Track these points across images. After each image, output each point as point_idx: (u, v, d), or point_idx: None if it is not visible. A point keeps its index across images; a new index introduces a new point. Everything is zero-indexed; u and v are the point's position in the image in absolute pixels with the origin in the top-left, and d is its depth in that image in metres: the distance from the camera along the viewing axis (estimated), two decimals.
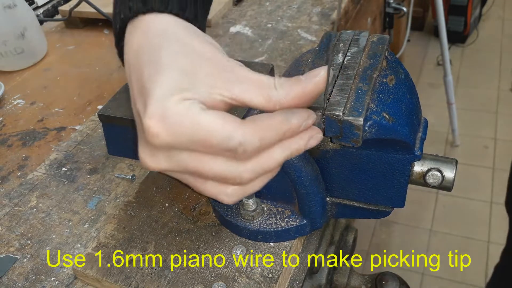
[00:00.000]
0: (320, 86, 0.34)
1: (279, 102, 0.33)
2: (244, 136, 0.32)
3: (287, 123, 0.34)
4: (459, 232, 1.79)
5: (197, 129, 0.31)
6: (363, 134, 0.38)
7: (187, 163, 0.33)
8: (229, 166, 0.33)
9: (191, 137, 0.31)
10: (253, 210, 0.47)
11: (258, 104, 0.33)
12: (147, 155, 0.34)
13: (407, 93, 0.42)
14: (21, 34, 0.86)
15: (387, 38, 0.44)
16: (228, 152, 0.32)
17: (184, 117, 0.31)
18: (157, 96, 0.32)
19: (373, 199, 0.46)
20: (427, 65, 2.69)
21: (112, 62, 0.88)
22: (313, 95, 0.34)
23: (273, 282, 0.44)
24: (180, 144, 0.32)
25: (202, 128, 0.31)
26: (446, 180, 0.43)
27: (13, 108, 0.79)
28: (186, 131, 0.31)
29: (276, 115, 0.34)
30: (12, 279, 0.50)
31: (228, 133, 0.31)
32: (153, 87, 0.32)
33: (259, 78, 0.33)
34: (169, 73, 0.33)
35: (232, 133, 0.31)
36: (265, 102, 0.33)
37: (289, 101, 0.33)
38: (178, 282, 0.45)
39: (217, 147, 0.32)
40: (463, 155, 2.08)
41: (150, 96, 0.32)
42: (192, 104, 0.31)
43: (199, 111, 0.31)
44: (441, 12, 1.81)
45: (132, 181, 0.60)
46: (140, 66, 0.34)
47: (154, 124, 0.31)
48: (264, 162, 0.34)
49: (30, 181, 0.62)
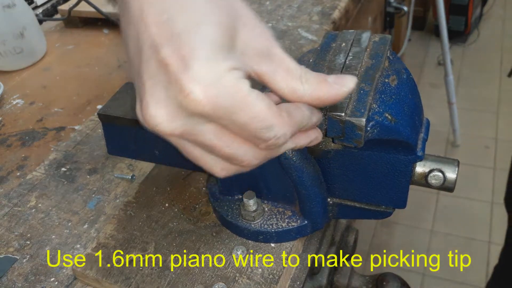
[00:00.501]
0: (344, 96, 0.33)
1: (302, 97, 0.32)
2: (282, 130, 0.31)
3: (310, 121, 0.34)
4: (460, 232, 1.78)
5: (243, 109, 0.29)
6: (365, 134, 0.38)
7: (207, 136, 0.31)
8: (247, 149, 0.32)
9: (232, 114, 0.29)
10: (253, 210, 0.47)
11: (280, 91, 0.32)
12: (164, 114, 0.30)
13: (409, 93, 0.42)
14: (20, 33, 0.85)
15: (389, 38, 0.44)
16: (257, 139, 0.31)
17: (235, 91, 0.28)
18: (204, 56, 0.28)
19: (374, 199, 0.46)
20: (428, 65, 2.69)
21: (111, 61, 0.88)
22: (333, 102, 0.33)
23: (274, 283, 0.44)
24: (215, 117, 0.29)
25: (249, 110, 0.29)
26: (448, 181, 0.43)
27: (12, 108, 0.79)
28: (231, 108, 0.29)
29: (304, 110, 0.33)
30: (12, 279, 0.50)
31: (270, 123, 0.30)
32: (196, 39, 0.28)
33: (289, 64, 0.32)
34: (211, 27, 0.29)
35: (274, 124, 0.30)
36: (288, 92, 0.32)
37: (310, 99, 0.32)
38: (178, 283, 0.45)
39: (252, 132, 0.30)
40: (464, 155, 2.07)
41: (194, 52, 0.28)
42: (242, 79, 0.29)
43: (248, 90, 0.29)
44: (442, 12, 1.81)
45: (132, 181, 0.60)
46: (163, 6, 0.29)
47: (198, 90, 0.28)
48: (276, 152, 0.33)
49: (29, 181, 0.62)
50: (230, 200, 0.50)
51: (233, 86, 0.29)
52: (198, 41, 0.28)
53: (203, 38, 0.28)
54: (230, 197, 0.50)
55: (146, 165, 0.61)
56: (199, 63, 0.28)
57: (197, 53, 0.28)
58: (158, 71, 0.29)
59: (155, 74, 0.29)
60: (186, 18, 0.29)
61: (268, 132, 0.30)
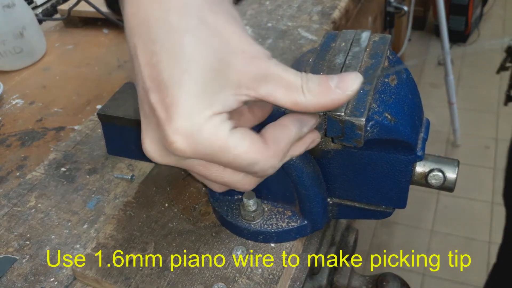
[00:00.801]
0: (348, 99, 0.33)
1: (305, 108, 0.32)
2: (268, 163, 0.32)
3: (300, 134, 0.35)
4: (460, 232, 1.78)
5: (223, 153, 0.31)
6: (365, 134, 0.38)
7: (197, 168, 0.34)
8: (240, 177, 0.34)
9: (214, 158, 0.31)
10: (253, 210, 0.47)
11: (283, 105, 0.32)
12: (156, 151, 0.33)
13: (409, 93, 0.42)
14: (20, 33, 0.85)
15: (389, 38, 0.44)
16: (245, 172, 0.33)
17: (213, 139, 0.30)
18: (184, 109, 0.30)
19: (374, 199, 0.46)
20: (428, 65, 2.69)
21: (111, 61, 0.88)
22: (338, 106, 0.33)
23: (274, 283, 0.44)
24: (201, 158, 0.32)
25: (230, 152, 0.31)
26: (448, 181, 0.43)
27: (11, 108, 0.78)
28: (212, 153, 0.31)
29: (292, 129, 0.34)
30: (11, 279, 0.49)
31: (254, 160, 0.32)
32: (178, 92, 0.30)
33: (287, 78, 0.32)
34: (196, 74, 0.30)
35: (257, 159, 0.32)
36: (291, 106, 0.32)
37: (314, 108, 0.33)
38: (178, 283, 0.45)
39: (238, 168, 0.32)
40: (464, 155, 2.07)
41: (176, 105, 0.30)
42: (222, 124, 0.31)
43: (228, 133, 0.31)
44: (442, 12, 1.81)
45: (132, 181, 0.60)
46: (154, 48, 0.30)
47: (179, 140, 0.30)
48: (269, 173, 0.35)
49: (29, 181, 0.62)
50: (229, 200, 0.50)
51: (212, 135, 0.30)
52: (180, 93, 0.30)
53: (186, 90, 0.30)
54: (229, 197, 0.50)
55: (146, 165, 0.61)
56: (180, 116, 0.30)
57: (179, 106, 0.30)
58: (150, 112, 0.32)
59: (147, 114, 0.32)
60: (173, 65, 0.30)
61: (254, 167, 0.32)
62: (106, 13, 0.94)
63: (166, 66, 0.30)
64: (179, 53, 0.30)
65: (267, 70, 0.31)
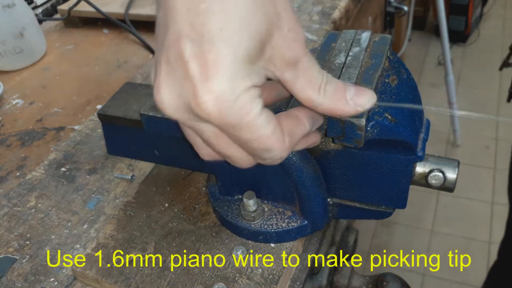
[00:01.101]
0: (356, 114, 0.33)
1: (316, 107, 0.32)
2: (280, 154, 0.32)
3: (310, 131, 0.35)
4: (460, 232, 1.78)
5: (248, 130, 0.30)
6: (365, 134, 0.38)
7: (206, 133, 0.31)
8: (243, 155, 0.33)
9: (236, 131, 0.30)
10: (253, 210, 0.47)
11: (297, 95, 0.32)
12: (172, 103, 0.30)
13: (409, 93, 0.42)
14: (20, 33, 0.85)
15: (389, 38, 0.44)
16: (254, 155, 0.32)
17: (244, 113, 0.29)
18: (227, 71, 0.27)
19: (374, 200, 0.46)
20: (428, 65, 2.69)
21: (111, 61, 0.88)
22: (345, 117, 0.34)
23: (274, 283, 0.44)
24: (219, 127, 0.30)
25: (253, 132, 0.30)
26: (448, 181, 0.43)
27: (12, 108, 0.78)
28: (237, 126, 0.29)
29: (306, 125, 0.34)
30: (11, 279, 0.49)
31: (271, 146, 0.31)
32: (225, 51, 0.27)
33: (312, 73, 0.31)
34: (246, 37, 0.27)
35: (274, 148, 0.31)
36: (304, 99, 0.32)
37: (323, 111, 0.33)
38: (178, 283, 0.45)
39: (251, 150, 0.31)
40: (464, 155, 2.07)
41: (218, 64, 0.27)
42: (256, 99, 0.29)
43: (259, 111, 0.29)
44: (442, 12, 1.81)
45: (132, 181, 0.60)
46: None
47: (211, 102, 0.28)
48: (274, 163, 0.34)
49: (29, 181, 0.62)
50: (230, 200, 0.50)
51: (245, 107, 0.29)
52: (226, 54, 0.27)
53: (232, 52, 0.27)
54: (230, 197, 0.50)
55: (146, 165, 0.61)
56: (220, 78, 0.27)
57: (221, 67, 0.27)
58: (177, 62, 0.28)
59: (173, 62, 0.29)
60: (224, 20, 0.27)
61: (267, 153, 0.31)
62: (106, 13, 0.94)
63: (216, 19, 0.27)
64: (233, 9, 0.27)
65: (301, 57, 0.31)
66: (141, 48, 0.91)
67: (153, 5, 0.95)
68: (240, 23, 0.27)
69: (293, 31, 0.30)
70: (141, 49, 0.90)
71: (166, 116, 0.31)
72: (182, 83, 0.29)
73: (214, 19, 0.27)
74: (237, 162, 0.34)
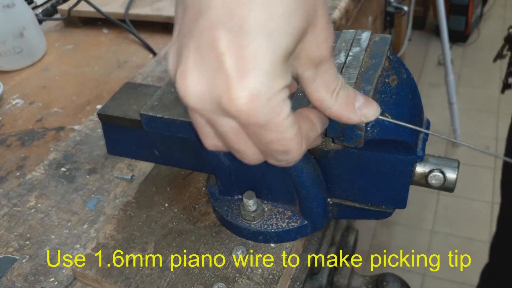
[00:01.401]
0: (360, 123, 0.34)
1: (325, 110, 0.32)
2: (295, 157, 0.31)
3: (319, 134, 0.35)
4: (460, 232, 1.78)
5: (274, 131, 0.29)
6: (365, 134, 0.38)
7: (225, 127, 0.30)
8: (255, 153, 0.32)
9: (261, 130, 0.29)
10: (253, 211, 0.47)
11: (310, 95, 0.32)
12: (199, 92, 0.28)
13: (410, 93, 0.42)
14: (20, 33, 0.85)
15: (389, 38, 0.44)
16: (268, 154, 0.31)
17: (275, 114, 0.28)
18: (265, 69, 0.26)
19: (374, 200, 0.46)
20: (428, 65, 2.69)
21: (111, 61, 0.88)
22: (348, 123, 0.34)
23: (274, 283, 0.44)
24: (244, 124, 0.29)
25: (278, 134, 0.29)
26: (448, 181, 0.43)
27: (11, 108, 0.78)
28: (264, 126, 0.28)
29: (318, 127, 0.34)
30: (11, 279, 0.49)
31: (290, 149, 0.30)
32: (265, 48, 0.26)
33: (329, 76, 0.31)
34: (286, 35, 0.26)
35: (293, 151, 0.31)
36: (316, 101, 0.32)
37: (330, 114, 0.33)
38: (178, 283, 0.45)
39: (269, 150, 0.31)
40: (464, 155, 2.07)
41: (257, 61, 0.26)
42: (287, 100, 0.28)
43: (288, 114, 0.29)
44: (442, 11, 1.81)
45: (132, 181, 0.60)
46: None
47: (245, 99, 0.26)
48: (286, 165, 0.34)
49: (29, 181, 0.62)
50: (230, 200, 0.50)
51: (277, 108, 0.28)
52: (266, 50, 0.26)
53: (272, 48, 0.26)
54: (230, 197, 0.50)
55: (146, 165, 0.61)
56: (258, 76, 0.26)
57: (259, 63, 0.26)
58: (210, 52, 0.27)
59: (205, 51, 0.27)
60: (266, 12, 0.25)
61: (284, 155, 0.31)
62: (106, 13, 0.94)
63: (258, 11, 0.25)
64: (277, 3, 0.26)
65: (326, 58, 0.30)
66: (141, 48, 0.91)
67: (153, 5, 0.95)
68: (282, 18, 0.26)
69: (326, 31, 0.29)
70: (141, 49, 0.90)
71: (166, 117, 0.30)
72: (214, 75, 0.27)
73: (255, 11, 0.25)
74: (246, 158, 0.33)
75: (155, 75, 0.80)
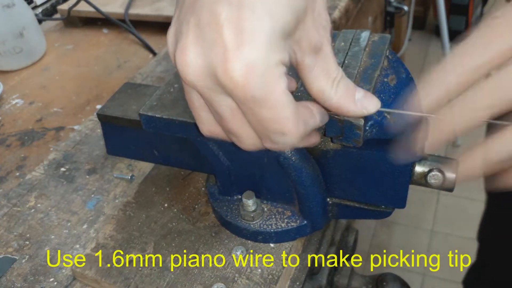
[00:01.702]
0: (360, 116, 0.34)
1: (324, 101, 0.32)
2: (292, 140, 0.31)
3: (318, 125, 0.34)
4: (460, 232, 1.78)
5: (271, 107, 0.28)
6: (364, 134, 0.38)
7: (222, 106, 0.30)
8: (251, 136, 0.32)
9: (257, 107, 0.28)
10: (253, 210, 0.47)
11: (309, 85, 0.31)
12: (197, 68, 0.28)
13: (409, 93, 0.42)
14: (20, 33, 0.85)
15: (388, 38, 0.44)
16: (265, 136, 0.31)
17: (271, 88, 0.27)
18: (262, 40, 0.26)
19: (374, 199, 0.46)
20: (428, 65, 2.69)
21: (111, 61, 0.88)
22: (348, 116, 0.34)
23: (273, 284, 0.44)
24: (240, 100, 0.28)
25: (275, 111, 0.28)
26: (447, 181, 0.43)
27: (11, 108, 0.78)
28: (260, 101, 0.28)
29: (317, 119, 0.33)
30: (11, 280, 0.49)
31: (286, 131, 0.30)
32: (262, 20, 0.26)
33: (329, 65, 0.31)
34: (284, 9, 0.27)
35: (289, 132, 0.30)
36: (317, 91, 0.32)
37: (330, 106, 0.32)
38: (178, 283, 0.45)
39: (266, 130, 0.30)
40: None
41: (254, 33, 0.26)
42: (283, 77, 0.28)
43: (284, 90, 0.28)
44: (442, 11, 1.81)
45: (131, 181, 0.60)
46: None
47: (240, 70, 0.26)
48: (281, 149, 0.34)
49: (28, 181, 0.62)
50: (229, 200, 0.50)
51: (273, 81, 0.27)
52: (265, 22, 0.26)
53: (271, 21, 0.26)
54: (229, 197, 0.50)
55: (146, 165, 0.61)
56: (255, 47, 0.26)
57: (257, 36, 0.26)
58: (210, 26, 0.27)
59: (205, 25, 0.27)
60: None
61: (280, 137, 0.30)
62: (106, 13, 0.94)
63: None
64: None
65: (324, 44, 0.30)
66: (141, 48, 0.91)
67: (153, 5, 0.95)
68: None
69: (323, 16, 0.30)
70: (141, 49, 0.90)
71: (165, 117, 0.30)
72: (212, 48, 0.27)
73: None
74: (243, 142, 0.32)
75: (155, 75, 0.80)
